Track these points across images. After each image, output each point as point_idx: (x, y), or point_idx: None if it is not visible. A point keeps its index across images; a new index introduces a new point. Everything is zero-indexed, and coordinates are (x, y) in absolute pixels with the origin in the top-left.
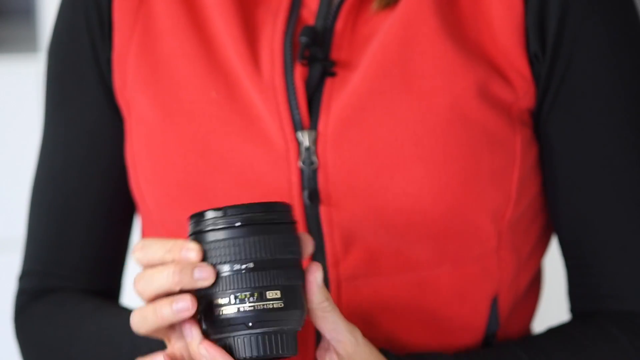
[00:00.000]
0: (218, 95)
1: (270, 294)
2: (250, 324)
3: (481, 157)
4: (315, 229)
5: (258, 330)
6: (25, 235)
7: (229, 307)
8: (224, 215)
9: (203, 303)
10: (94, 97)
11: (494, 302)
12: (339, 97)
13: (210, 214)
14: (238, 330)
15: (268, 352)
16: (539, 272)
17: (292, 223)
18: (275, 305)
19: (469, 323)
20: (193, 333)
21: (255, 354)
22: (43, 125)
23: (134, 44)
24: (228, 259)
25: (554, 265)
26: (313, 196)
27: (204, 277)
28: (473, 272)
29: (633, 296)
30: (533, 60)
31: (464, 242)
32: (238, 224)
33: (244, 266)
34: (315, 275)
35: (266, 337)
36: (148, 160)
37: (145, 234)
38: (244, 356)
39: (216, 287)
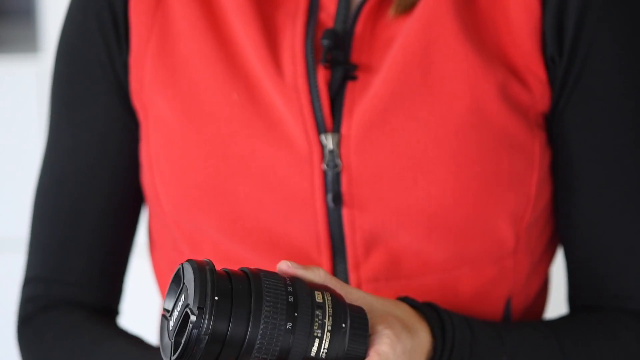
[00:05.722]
0: (239, 97)
1: None
2: None
3: (502, 160)
4: (337, 231)
5: None
6: (28, 241)
7: None
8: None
9: None
10: (106, 100)
11: (508, 304)
12: (362, 101)
13: None
14: None
15: None
16: (547, 282)
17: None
18: None
19: None
20: None
21: None
22: (49, 130)
23: (152, 46)
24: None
25: (555, 271)
26: (336, 199)
27: None
28: (491, 274)
29: None
30: (549, 64)
31: (483, 243)
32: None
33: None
34: None
35: None
36: (166, 162)
37: (155, 236)
38: None
39: None
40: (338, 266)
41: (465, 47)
